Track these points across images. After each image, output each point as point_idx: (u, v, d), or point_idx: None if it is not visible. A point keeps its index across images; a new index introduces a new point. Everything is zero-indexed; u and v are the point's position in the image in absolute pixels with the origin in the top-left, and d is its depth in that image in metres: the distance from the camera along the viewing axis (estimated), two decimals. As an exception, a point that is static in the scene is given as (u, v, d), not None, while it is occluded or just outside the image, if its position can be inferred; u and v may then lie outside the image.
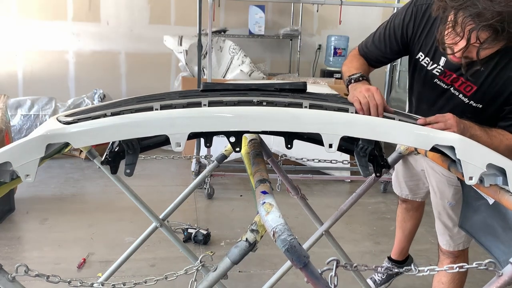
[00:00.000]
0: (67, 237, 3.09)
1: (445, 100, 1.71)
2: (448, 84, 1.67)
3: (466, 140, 1.28)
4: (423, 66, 1.71)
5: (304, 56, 5.77)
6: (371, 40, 1.79)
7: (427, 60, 1.68)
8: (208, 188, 3.88)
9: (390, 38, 1.72)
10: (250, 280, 2.68)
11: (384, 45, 1.75)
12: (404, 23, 1.68)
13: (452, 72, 1.63)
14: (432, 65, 1.67)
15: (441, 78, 1.67)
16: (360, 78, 1.55)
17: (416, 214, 2.35)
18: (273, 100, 1.32)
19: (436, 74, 1.68)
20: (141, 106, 1.28)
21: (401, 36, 1.70)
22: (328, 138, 1.23)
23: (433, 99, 1.75)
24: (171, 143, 1.20)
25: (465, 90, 1.63)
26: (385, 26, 1.76)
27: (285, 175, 2.18)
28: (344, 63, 1.75)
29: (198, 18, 4.06)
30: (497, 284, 1.09)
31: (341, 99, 1.60)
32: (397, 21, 1.70)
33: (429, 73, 1.69)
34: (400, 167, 2.18)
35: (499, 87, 1.55)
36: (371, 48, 1.79)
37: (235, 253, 1.10)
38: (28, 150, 1.12)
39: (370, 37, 1.81)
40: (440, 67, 1.65)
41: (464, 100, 1.64)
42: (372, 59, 1.79)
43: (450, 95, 1.68)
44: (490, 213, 1.54)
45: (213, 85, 1.59)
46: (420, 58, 1.70)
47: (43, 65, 5.33)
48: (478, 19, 1.29)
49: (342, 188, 4.37)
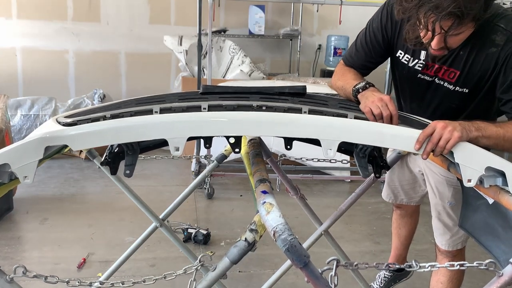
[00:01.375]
0: (67, 237, 3.10)
1: (432, 92, 1.72)
2: (432, 75, 1.68)
3: (465, 144, 1.28)
4: (404, 64, 1.72)
5: (304, 56, 5.77)
6: (354, 50, 1.81)
7: (407, 57, 1.70)
8: (208, 188, 3.88)
9: (372, 42, 1.74)
10: (250, 280, 2.68)
11: (368, 50, 1.76)
12: (382, 25, 1.70)
13: (434, 63, 1.65)
14: (413, 61, 1.69)
15: (424, 72, 1.69)
16: (367, 86, 1.56)
17: (411, 220, 2.33)
18: (272, 105, 1.33)
19: (419, 69, 1.70)
20: (140, 109, 1.28)
21: (382, 39, 1.72)
22: (326, 143, 1.24)
23: (420, 94, 1.76)
24: (170, 148, 1.21)
25: (449, 77, 1.64)
26: (364, 33, 1.77)
27: (284, 175, 2.18)
28: (337, 79, 1.75)
29: (198, 18, 4.06)
30: (497, 284, 1.08)
31: (341, 102, 1.60)
32: (375, 25, 1.73)
33: (411, 69, 1.71)
34: (396, 171, 2.15)
35: (479, 66, 1.57)
36: (355, 57, 1.80)
37: (234, 252, 1.10)
38: (26, 152, 1.12)
39: (352, 47, 1.83)
40: (421, 62, 1.67)
41: (449, 87, 1.66)
42: (360, 67, 1.79)
43: (436, 86, 1.69)
44: (490, 212, 1.55)
45: (213, 88, 1.59)
46: (400, 56, 1.72)
47: (43, 65, 5.33)
48: (437, 10, 1.35)
49: (342, 188, 4.37)
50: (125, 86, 5.57)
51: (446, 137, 1.27)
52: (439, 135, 1.28)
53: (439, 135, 1.27)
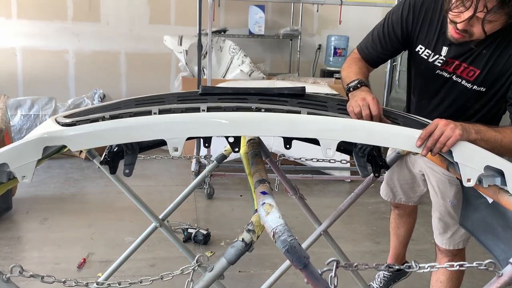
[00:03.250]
0: (67, 237, 3.10)
1: (446, 89, 1.72)
2: (451, 72, 1.68)
3: (464, 143, 1.28)
4: (423, 59, 1.72)
5: (304, 56, 5.77)
6: (370, 40, 1.80)
7: (428, 52, 1.70)
8: (208, 188, 3.88)
9: (389, 35, 1.73)
10: (250, 280, 2.68)
11: (384, 42, 1.75)
12: (402, 18, 1.70)
13: (455, 60, 1.65)
14: (433, 56, 1.69)
15: (443, 68, 1.69)
16: (358, 85, 1.55)
17: (409, 220, 2.33)
18: (271, 107, 1.33)
19: (438, 65, 1.69)
20: (139, 110, 1.28)
21: (401, 31, 1.72)
22: (325, 143, 1.24)
23: (434, 91, 1.76)
24: (169, 148, 1.21)
25: (467, 76, 1.64)
26: (382, 24, 1.76)
27: (283, 175, 2.18)
28: (343, 68, 1.75)
29: (198, 18, 4.06)
30: (497, 285, 1.08)
31: (341, 103, 1.60)
32: (395, 17, 1.72)
33: (430, 65, 1.71)
34: (395, 171, 2.15)
35: (501, 67, 1.58)
36: (370, 48, 1.79)
37: (232, 253, 1.10)
38: (25, 152, 1.12)
39: (368, 37, 1.82)
40: (442, 58, 1.67)
41: (467, 86, 1.66)
42: (373, 58, 1.79)
43: (452, 83, 1.69)
44: (489, 211, 1.55)
45: (212, 89, 1.59)
46: (420, 51, 1.72)
47: (43, 65, 5.33)
48: None
49: (342, 188, 4.36)
50: (125, 86, 5.57)
51: (447, 133, 1.27)
52: (441, 131, 1.27)
53: (441, 132, 1.27)
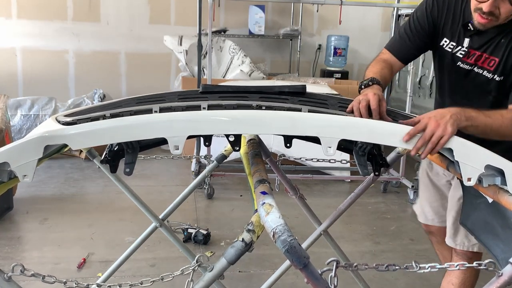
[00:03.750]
0: (67, 237, 3.10)
1: (469, 82, 1.72)
2: (472, 64, 1.69)
3: (464, 142, 1.28)
4: (447, 52, 1.74)
5: (304, 56, 5.77)
6: (398, 37, 1.82)
7: (452, 44, 1.72)
8: (208, 188, 3.88)
9: (416, 28, 1.76)
10: (250, 280, 2.68)
11: (412, 37, 1.77)
12: (427, 13, 1.73)
13: (476, 51, 1.66)
14: (456, 47, 1.71)
15: (465, 60, 1.70)
16: (370, 83, 1.56)
17: None
18: (271, 105, 1.33)
19: (460, 57, 1.71)
20: (140, 108, 1.28)
21: (427, 25, 1.74)
22: (326, 141, 1.24)
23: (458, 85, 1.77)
24: (170, 146, 1.21)
25: (488, 66, 1.65)
26: (408, 21, 1.80)
27: (283, 175, 2.18)
28: (367, 67, 1.77)
29: (198, 18, 4.06)
30: (497, 284, 1.08)
31: (341, 102, 1.60)
32: (419, 13, 1.76)
33: (453, 57, 1.73)
34: (421, 189, 2.06)
35: None
36: (398, 44, 1.81)
37: (231, 253, 1.10)
38: (26, 151, 1.12)
39: (395, 35, 1.85)
40: (464, 49, 1.69)
41: (488, 76, 1.67)
42: (403, 55, 1.81)
43: (474, 75, 1.69)
44: (489, 211, 1.55)
45: (212, 87, 1.59)
46: (444, 44, 1.74)
47: (43, 65, 5.33)
48: None
49: (342, 188, 4.37)
50: (125, 86, 5.57)
51: (439, 134, 1.27)
52: (432, 132, 1.27)
53: (432, 132, 1.27)
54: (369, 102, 1.38)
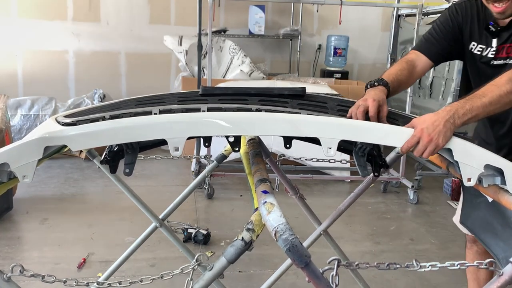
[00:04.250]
0: (67, 237, 3.10)
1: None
2: (505, 57, 1.71)
3: (463, 142, 1.28)
4: (477, 55, 1.75)
5: (304, 56, 5.77)
6: (423, 40, 1.84)
7: (481, 47, 1.74)
8: (208, 188, 3.88)
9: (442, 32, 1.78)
10: (250, 280, 2.68)
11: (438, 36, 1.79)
12: (451, 18, 1.76)
13: (504, 44, 1.69)
14: (486, 49, 1.73)
15: (497, 56, 1.72)
16: (376, 84, 1.57)
17: None
18: (271, 109, 1.33)
19: (492, 57, 1.73)
20: (139, 111, 1.28)
21: (452, 30, 1.77)
22: (326, 142, 1.24)
23: None
24: (169, 148, 1.21)
25: None
26: (432, 27, 1.82)
27: (283, 175, 2.18)
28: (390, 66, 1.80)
29: (198, 18, 4.06)
30: (497, 284, 1.08)
31: (341, 104, 1.60)
32: (443, 19, 1.79)
33: (484, 59, 1.74)
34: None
35: None
36: (426, 44, 1.82)
37: (231, 252, 1.10)
38: (26, 152, 1.12)
39: (421, 39, 1.87)
40: (493, 49, 1.71)
41: None
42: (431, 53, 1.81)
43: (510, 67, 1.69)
44: (489, 210, 1.55)
45: (212, 89, 1.59)
46: (473, 48, 1.76)
47: (43, 65, 5.33)
48: None
49: (342, 188, 4.37)
50: (125, 86, 5.57)
51: (431, 149, 1.27)
52: (424, 148, 1.28)
53: (424, 148, 1.28)
54: (367, 108, 1.38)
